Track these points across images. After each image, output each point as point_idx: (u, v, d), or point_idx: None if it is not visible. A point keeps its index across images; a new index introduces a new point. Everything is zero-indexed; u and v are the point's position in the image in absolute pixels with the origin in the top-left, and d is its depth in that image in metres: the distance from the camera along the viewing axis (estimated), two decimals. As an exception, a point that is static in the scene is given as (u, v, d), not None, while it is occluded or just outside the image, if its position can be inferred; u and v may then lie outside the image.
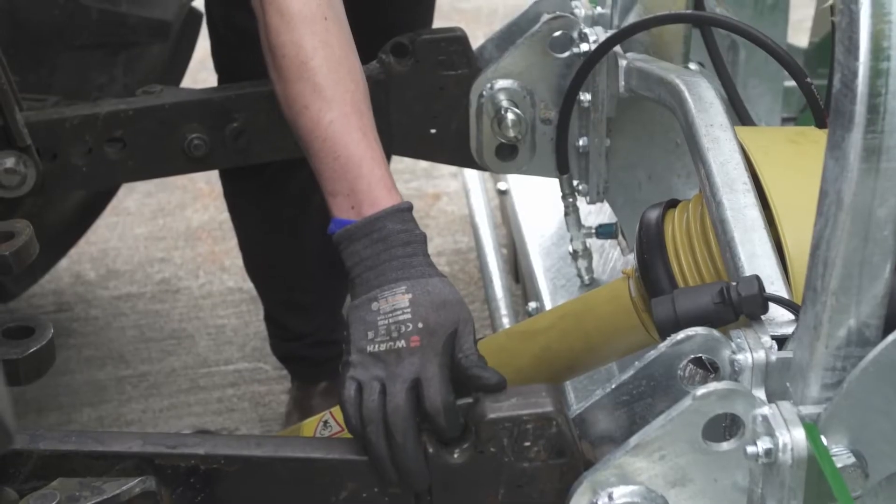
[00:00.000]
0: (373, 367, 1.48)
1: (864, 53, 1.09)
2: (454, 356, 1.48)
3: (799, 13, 3.43)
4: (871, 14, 1.09)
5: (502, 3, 5.01)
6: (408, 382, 1.46)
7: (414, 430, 1.45)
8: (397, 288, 1.51)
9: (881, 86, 1.09)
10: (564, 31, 2.07)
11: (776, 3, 2.66)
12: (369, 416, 1.45)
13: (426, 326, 1.48)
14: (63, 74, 2.45)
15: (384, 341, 1.48)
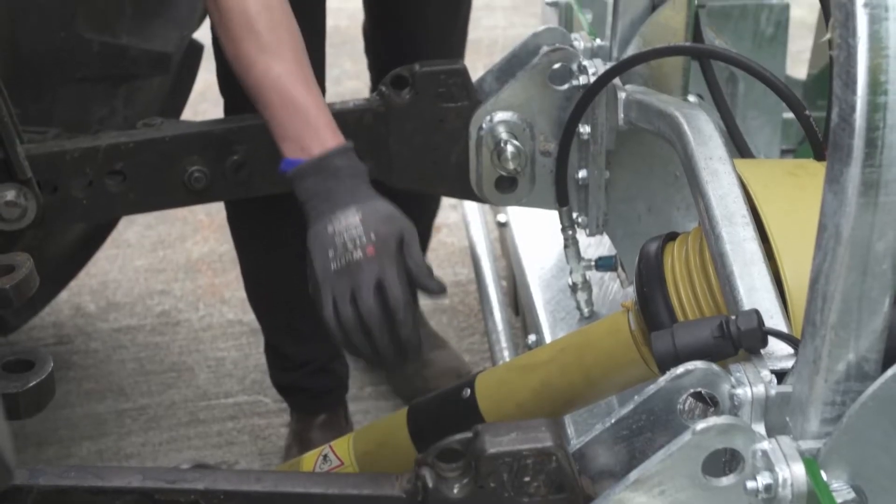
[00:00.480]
0: (339, 282, 1.71)
1: (861, 87, 1.10)
2: (406, 263, 1.73)
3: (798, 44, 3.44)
4: (869, 48, 1.09)
5: (502, 35, 5.03)
6: (372, 286, 1.70)
7: (388, 324, 1.70)
8: (348, 210, 1.75)
9: (879, 120, 1.10)
10: (564, 64, 2.07)
11: (775, 35, 2.67)
12: (347, 324, 1.71)
13: (378, 237, 1.72)
14: (64, 107, 2.45)
15: (343, 255, 1.72)
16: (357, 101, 2.16)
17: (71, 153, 2.06)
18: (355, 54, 4.60)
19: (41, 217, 2.04)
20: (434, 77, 2.10)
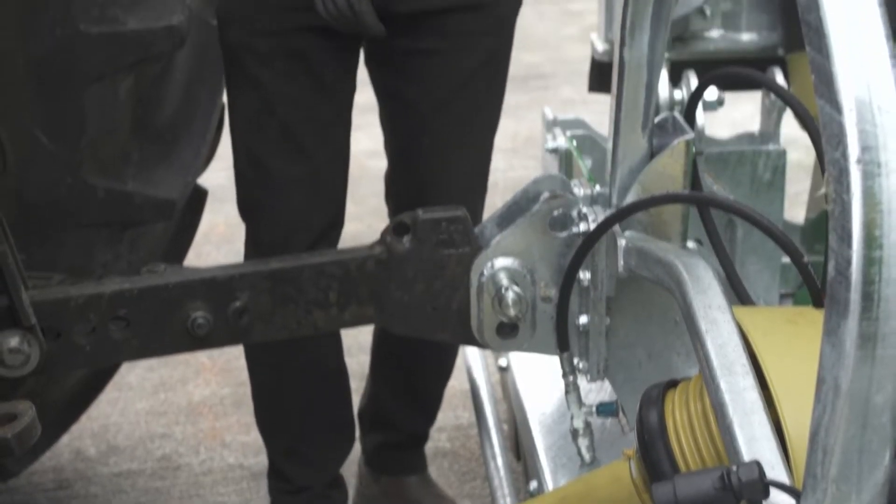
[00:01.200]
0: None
1: (857, 242, 1.11)
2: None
3: (795, 187, 3.49)
4: (863, 203, 1.11)
5: (503, 177, 5.07)
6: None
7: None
8: None
9: (875, 274, 1.11)
10: (564, 211, 2.10)
11: (772, 180, 2.70)
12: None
13: None
14: (69, 252, 2.48)
15: None
16: (359, 248, 2.18)
17: (75, 300, 2.08)
18: (357, 196, 4.65)
19: (44, 364, 2.05)
20: (435, 224, 2.13)
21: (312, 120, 2.41)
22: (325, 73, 2.39)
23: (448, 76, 2.46)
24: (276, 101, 2.39)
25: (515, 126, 5.46)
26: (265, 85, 2.38)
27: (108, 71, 2.36)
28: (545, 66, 6.47)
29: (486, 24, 2.46)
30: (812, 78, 1.16)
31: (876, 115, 1.11)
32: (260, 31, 2.36)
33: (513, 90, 5.89)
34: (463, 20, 2.42)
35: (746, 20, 2.91)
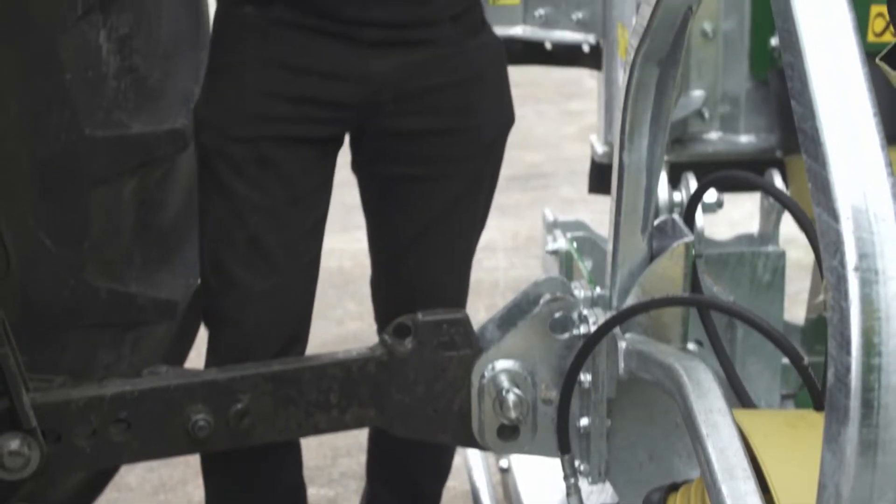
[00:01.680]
0: None
1: (855, 349, 1.12)
2: None
3: (795, 285, 3.49)
4: (861, 311, 1.12)
5: (503, 276, 5.09)
6: None
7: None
8: None
9: (874, 381, 1.11)
10: (564, 313, 2.10)
11: (772, 281, 2.71)
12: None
13: None
14: (71, 353, 2.48)
15: None
16: (360, 350, 2.19)
17: (76, 402, 2.08)
18: (358, 295, 4.66)
19: (44, 466, 2.05)
20: (436, 326, 2.14)
21: (283, 232, 2.33)
22: (298, 185, 2.32)
23: (432, 203, 2.41)
24: (246, 211, 2.30)
25: (516, 225, 5.49)
26: (236, 193, 2.30)
27: (113, 174, 2.39)
28: (545, 165, 6.51)
29: (471, 150, 2.41)
30: (809, 185, 1.18)
31: (872, 224, 1.12)
32: (233, 138, 2.28)
33: (513, 189, 5.95)
34: (445, 145, 2.38)
35: (745, 122, 2.94)
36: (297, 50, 2.25)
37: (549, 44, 3.07)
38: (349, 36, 2.25)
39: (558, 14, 3.03)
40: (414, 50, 2.31)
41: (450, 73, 2.34)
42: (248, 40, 2.27)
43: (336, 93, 2.27)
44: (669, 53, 1.86)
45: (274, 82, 2.26)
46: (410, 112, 2.33)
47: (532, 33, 3.06)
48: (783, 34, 1.21)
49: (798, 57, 1.18)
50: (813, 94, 1.16)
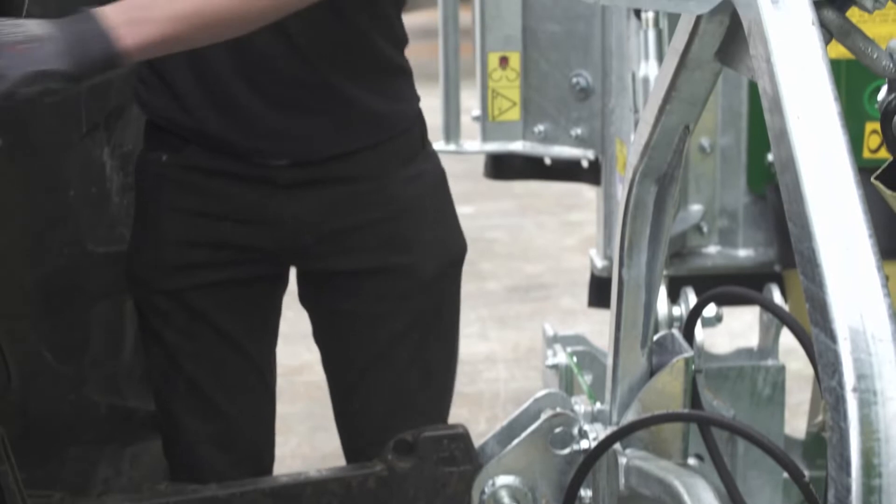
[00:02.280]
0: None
1: (855, 470, 1.12)
2: None
3: (796, 397, 3.49)
4: (861, 432, 1.12)
5: (504, 388, 5.08)
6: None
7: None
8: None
9: (875, 502, 1.11)
10: (564, 429, 2.10)
11: (772, 395, 2.72)
12: None
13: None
14: (70, 469, 2.48)
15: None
16: (361, 465, 2.18)
17: (74, 520, 2.07)
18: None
19: (40, 584, 2.03)
20: (437, 441, 2.13)
21: (222, 376, 2.29)
22: (231, 329, 2.27)
23: (372, 343, 2.31)
24: (181, 358, 2.27)
25: (517, 336, 5.49)
26: (169, 342, 2.26)
27: (114, 289, 2.40)
28: (546, 276, 6.53)
29: (408, 287, 2.28)
30: (807, 306, 1.19)
31: (870, 344, 1.13)
32: (158, 290, 2.24)
33: (514, 300, 5.96)
34: (379, 283, 2.27)
35: (743, 237, 2.96)
36: (212, 196, 2.19)
37: (549, 159, 3.10)
38: (261, 179, 2.18)
39: (557, 130, 3.06)
40: (332, 188, 2.21)
41: (374, 209, 2.23)
42: (165, 188, 2.21)
43: (253, 238, 2.20)
44: (667, 171, 1.88)
45: (191, 231, 2.20)
46: (336, 252, 2.24)
47: (531, 149, 3.09)
48: (779, 156, 1.22)
49: (794, 179, 1.20)
50: (809, 216, 1.18)
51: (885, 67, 1.38)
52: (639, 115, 2.60)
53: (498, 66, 3.04)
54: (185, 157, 2.19)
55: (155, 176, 2.23)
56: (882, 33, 2.59)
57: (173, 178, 2.20)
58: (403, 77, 2.27)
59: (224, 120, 2.14)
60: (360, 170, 2.21)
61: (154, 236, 2.23)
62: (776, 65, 1.22)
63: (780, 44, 1.23)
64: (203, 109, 2.15)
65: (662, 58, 2.52)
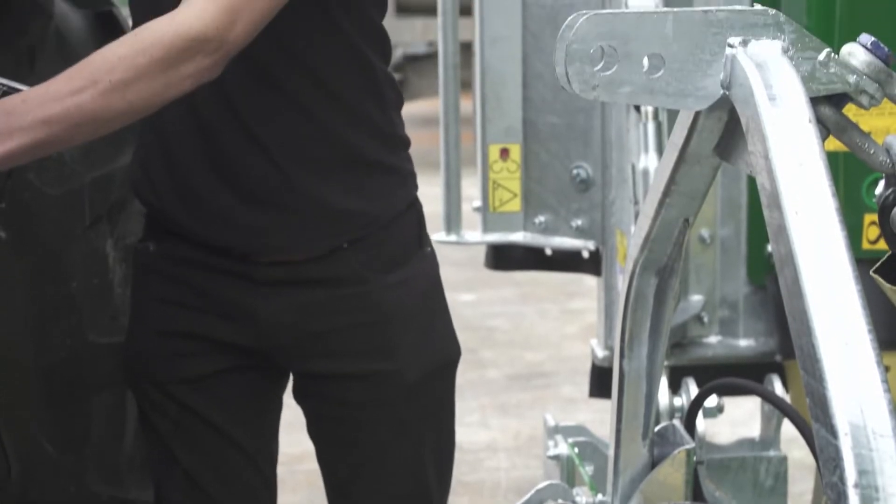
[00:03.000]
0: None
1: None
2: None
3: (799, 486, 3.47)
4: (862, 529, 1.12)
5: (505, 476, 5.05)
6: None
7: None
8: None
9: None
10: (566, 521, 2.10)
11: (774, 485, 2.71)
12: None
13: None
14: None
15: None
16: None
17: None
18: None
19: None
20: None
21: (219, 468, 2.24)
22: (222, 424, 2.21)
23: (357, 448, 2.23)
24: (176, 449, 2.23)
25: (518, 425, 5.47)
26: (164, 434, 2.23)
27: (116, 380, 2.40)
28: (547, 364, 6.52)
29: (391, 394, 2.19)
30: (807, 402, 1.19)
31: (871, 440, 1.13)
32: (148, 381, 2.21)
33: (515, 389, 5.95)
34: (360, 389, 2.19)
35: (744, 327, 2.97)
36: (194, 289, 2.15)
37: (549, 250, 3.11)
38: (240, 274, 2.13)
39: (558, 221, 3.08)
40: (311, 290, 2.14)
41: (355, 314, 2.16)
42: (152, 278, 2.19)
43: (234, 334, 2.15)
44: (668, 263, 1.89)
45: (176, 322, 2.16)
46: (315, 355, 2.18)
47: (532, 239, 3.11)
48: (778, 251, 1.23)
49: (793, 274, 1.21)
50: (808, 311, 1.18)
51: (882, 163, 1.40)
52: (639, 207, 2.62)
53: (499, 158, 3.07)
54: (170, 247, 2.17)
55: (144, 266, 2.21)
56: (879, 126, 2.62)
57: (159, 268, 2.18)
58: (385, 174, 2.18)
59: (194, 213, 2.12)
60: (341, 272, 2.14)
61: (142, 327, 2.21)
62: (774, 161, 1.24)
63: (778, 141, 1.25)
64: (175, 202, 2.13)
65: (662, 150, 2.55)
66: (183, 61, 1.82)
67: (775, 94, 1.27)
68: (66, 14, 2.39)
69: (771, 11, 1.33)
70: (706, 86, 1.35)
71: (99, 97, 1.78)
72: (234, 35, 1.84)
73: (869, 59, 1.35)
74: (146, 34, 1.84)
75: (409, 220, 2.21)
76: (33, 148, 1.78)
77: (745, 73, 1.30)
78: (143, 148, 2.18)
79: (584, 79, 1.34)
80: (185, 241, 2.14)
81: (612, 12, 1.34)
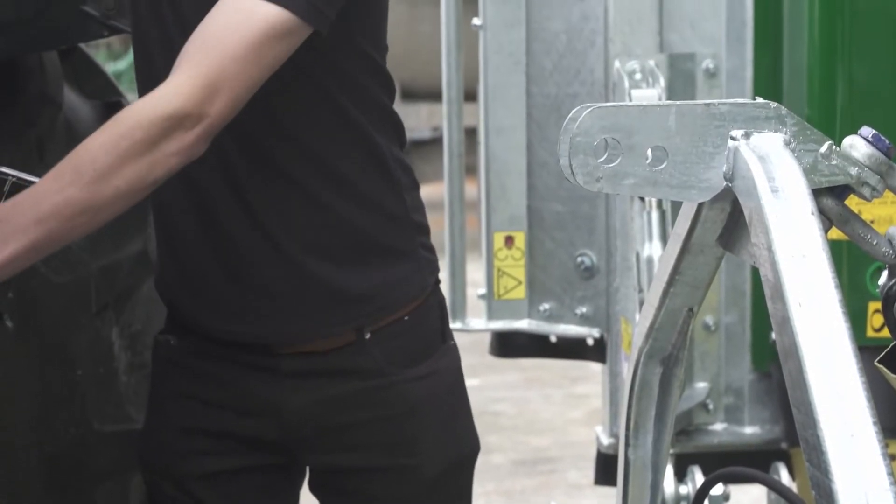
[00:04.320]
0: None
1: None
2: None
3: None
4: None
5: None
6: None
7: None
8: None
9: None
10: None
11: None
12: None
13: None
14: None
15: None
16: None
17: None
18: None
19: None
20: None
21: None
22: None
23: None
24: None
25: (522, 512, 5.45)
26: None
27: (119, 468, 2.39)
28: (552, 449, 6.49)
29: (410, 489, 2.17)
30: (812, 494, 1.19)
31: (877, 533, 1.13)
32: (163, 475, 2.19)
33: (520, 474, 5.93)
34: (380, 483, 2.17)
35: (749, 414, 2.96)
36: (214, 383, 2.13)
37: (554, 337, 3.11)
38: (265, 367, 2.11)
39: (562, 308, 3.08)
40: (336, 382, 2.12)
41: (379, 407, 2.14)
42: (172, 373, 2.18)
43: (255, 429, 2.13)
44: (672, 352, 1.89)
45: (195, 418, 2.14)
46: (336, 448, 2.16)
47: (537, 327, 3.11)
48: (782, 343, 1.24)
49: (797, 366, 1.21)
50: (813, 403, 1.19)
51: (885, 254, 1.41)
52: (643, 295, 2.63)
53: (503, 246, 3.08)
54: (191, 341, 2.15)
55: (163, 359, 2.20)
56: (882, 215, 2.63)
57: (179, 362, 2.17)
58: (398, 259, 2.16)
59: (209, 309, 2.11)
60: (365, 364, 2.12)
61: (159, 421, 2.20)
62: (777, 253, 1.24)
63: (781, 233, 1.25)
64: (190, 299, 2.13)
65: (666, 238, 2.56)
66: (165, 139, 1.82)
67: (778, 187, 1.28)
68: (75, 105, 2.41)
69: (772, 105, 1.35)
70: (709, 178, 1.36)
71: (86, 188, 1.79)
72: (216, 109, 1.84)
73: (870, 152, 1.37)
74: (126, 117, 1.86)
75: (430, 313, 2.20)
76: (31, 250, 1.79)
77: (748, 165, 1.31)
78: (158, 247, 2.18)
79: (587, 171, 1.35)
80: (206, 335, 2.13)
81: (615, 105, 1.36)
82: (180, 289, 2.14)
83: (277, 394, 2.10)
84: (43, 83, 2.32)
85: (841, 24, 2.73)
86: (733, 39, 2.89)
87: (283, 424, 2.12)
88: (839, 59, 2.73)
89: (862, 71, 2.73)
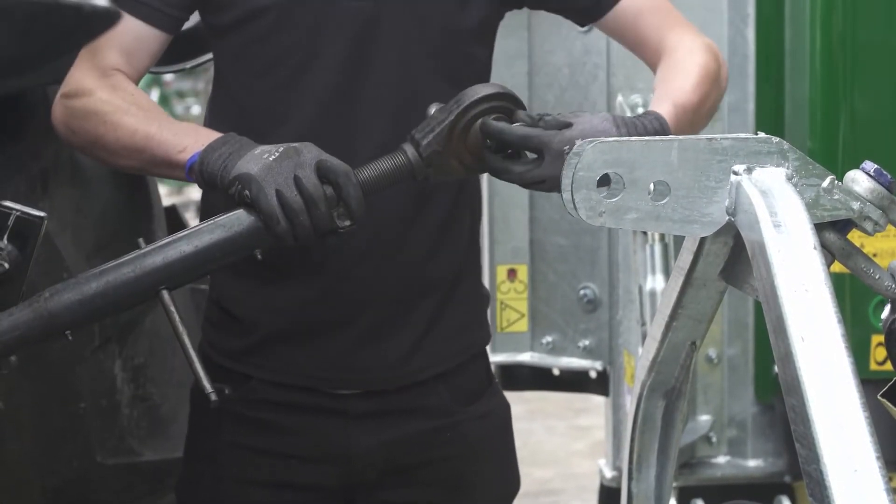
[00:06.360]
0: (278, 169, 1.74)
1: None
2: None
3: None
4: None
5: None
6: (314, 164, 1.75)
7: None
8: (263, 147, 1.79)
9: None
10: None
11: None
12: (294, 205, 1.73)
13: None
14: None
15: (277, 150, 1.77)
16: None
17: None
18: None
19: None
20: None
21: None
22: None
23: None
24: None
25: (526, 545, 5.42)
26: None
27: (123, 501, 2.39)
28: (555, 481, 6.48)
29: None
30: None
31: (881, 569, 1.13)
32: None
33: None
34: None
35: (752, 447, 2.96)
36: (276, 432, 2.08)
37: (557, 370, 3.11)
38: (331, 410, 2.08)
39: (565, 341, 3.09)
40: (403, 421, 2.11)
41: (442, 447, 2.14)
42: (224, 423, 2.09)
43: (318, 476, 2.09)
44: (675, 386, 1.89)
45: (252, 469, 2.09)
46: (396, 486, 2.13)
47: (540, 360, 3.11)
48: (784, 377, 1.24)
49: (800, 401, 1.21)
50: (816, 438, 1.19)
51: (888, 288, 1.41)
52: (646, 328, 2.63)
53: (506, 279, 3.08)
54: (250, 390, 2.09)
55: (215, 411, 1.96)
56: (885, 248, 2.63)
57: (233, 412, 2.07)
58: (486, 300, 2.25)
59: (293, 350, 2.07)
60: (430, 402, 2.12)
61: (212, 471, 2.12)
62: (780, 288, 1.24)
63: (784, 267, 1.25)
64: (273, 341, 2.08)
65: (669, 271, 2.56)
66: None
67: (780, 221, 1.28)
68: (79, 138, 2.42)
69: (774, 139, 1.35)
70: (711, 212, 1.37)
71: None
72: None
73: (872, 186, 1.37)
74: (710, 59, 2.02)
75: (483, 353, 2.23)
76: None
77: (750, 199, 1.32)
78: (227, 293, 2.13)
79: (590, 205, 1.36)
80: (269, 383, 2.09)
81: (618, 140, 1.36)
82: (274, 337, 2.08)
83: (346, 438, 2.08)
84: (48, 117, 2.33)
85: (842, 58, 2.74)
86: (735, 73, 2.90)
87: (348, 469, 2.09)
88: (841, 92, 2.74)
89: (864, 104, 2.74)
